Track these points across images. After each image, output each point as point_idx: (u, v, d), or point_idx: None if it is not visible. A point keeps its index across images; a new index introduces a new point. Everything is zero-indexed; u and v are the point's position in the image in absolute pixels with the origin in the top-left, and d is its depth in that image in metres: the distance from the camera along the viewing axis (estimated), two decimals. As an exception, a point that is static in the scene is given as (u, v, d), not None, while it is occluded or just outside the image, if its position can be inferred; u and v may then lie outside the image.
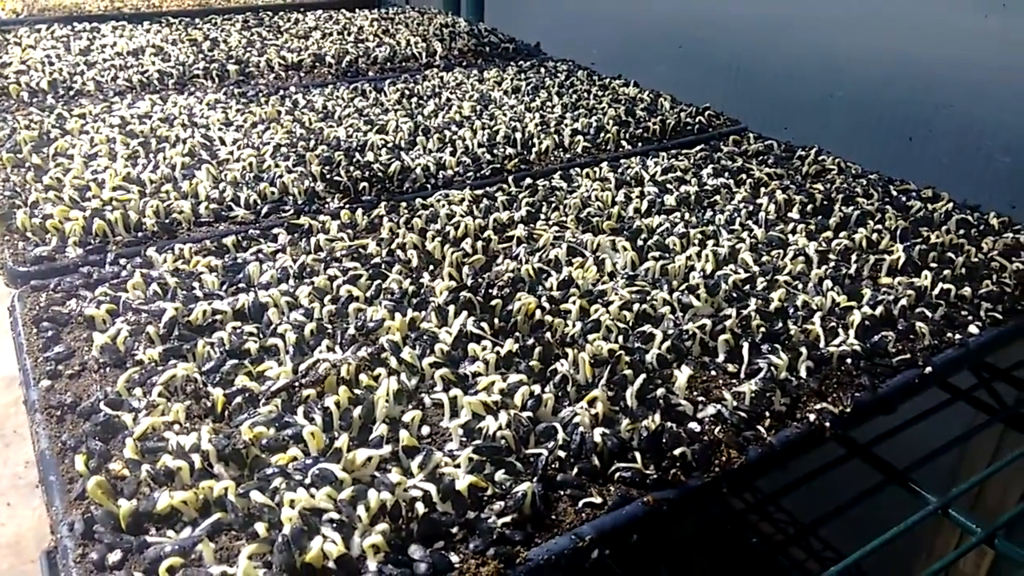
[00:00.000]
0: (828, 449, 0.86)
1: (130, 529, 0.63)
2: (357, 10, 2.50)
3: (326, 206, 1.21)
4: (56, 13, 2.33)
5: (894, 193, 1.29)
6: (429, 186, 1.29)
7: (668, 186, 1.29)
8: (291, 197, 1.21)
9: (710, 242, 1.09)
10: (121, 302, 0.91)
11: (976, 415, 1.10)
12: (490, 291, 0.94)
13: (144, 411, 0.73)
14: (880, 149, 1.74)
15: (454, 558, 0.62)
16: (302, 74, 1.87)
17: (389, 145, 1.40)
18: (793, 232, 1.13)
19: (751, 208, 1.20)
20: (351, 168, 1.29)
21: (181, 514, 0.64)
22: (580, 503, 0.69)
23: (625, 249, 1.05)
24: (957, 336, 0.95)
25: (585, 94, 1.75)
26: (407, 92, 1.71)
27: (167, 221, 1.11)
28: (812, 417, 0.80)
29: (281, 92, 1.68)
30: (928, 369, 0.90)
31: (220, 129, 1.44)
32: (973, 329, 0.97)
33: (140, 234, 1.09)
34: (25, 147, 1.32)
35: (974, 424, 1.06)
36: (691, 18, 2.28)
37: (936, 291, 1.01)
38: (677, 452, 0.73)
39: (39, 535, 2.22)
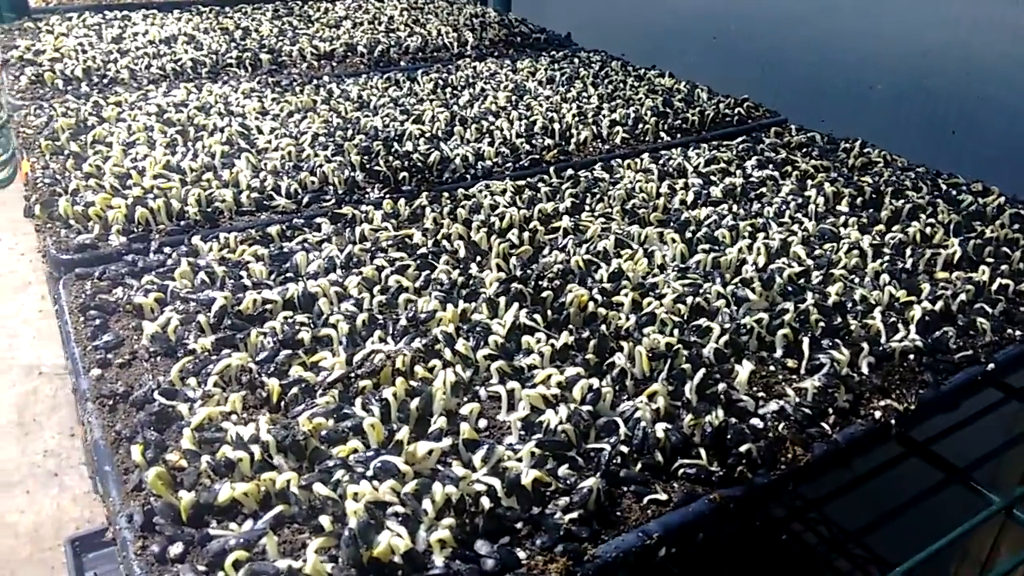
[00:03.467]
0: (872, 452, 0.84)
1: (191, 521, 0.62)
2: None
3: (367, 196, 1.19)
4: (87, 2, 2.33)
5: (943, 187, 1.26)
6: (468, 176, 1.28)
7: (712, 178, 1.26)
8: (331, 187, 1.20)
9: (760, 235, 1.07)
10: (169, 291, 0.90)
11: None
12: (540, 283, 0.92)
13: (199, 401, 0.72)
14: (921, 142, 1.71)
15: (521, 554, 0.61)
16: (334, 63, 1.86)
17: (427, 135, 1.38)
18: (844, 225, 1.11)
19: (799, 201, 1.18)
20: (390, 158, 1.27)
21: (241, 506, 0.63)
22: (645, 500, 0.67)
23: (674, 241, 1.03)
24: (1017, 333, 0.93)
25: (621, 85, 1.72)
26: (441, 82, 1.69)
27: (209, 210, 1.10)
28: (878, 415, 0.78)
29: (315, 81, 1.67)
30: (991, 366, 0.87)
31: (257, 118, 1.43)
32: (1034, 325, 0.94)
33: (183, 222, 1.08)
34: (63, 135, 1.31)
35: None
36: (721, 7, 2.26)
37: (994, 286, 0.98)
38: (743, 449, 0.71)
39: (58, 523, 2.24)
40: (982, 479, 0.87)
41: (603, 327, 0.85)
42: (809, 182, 1.26)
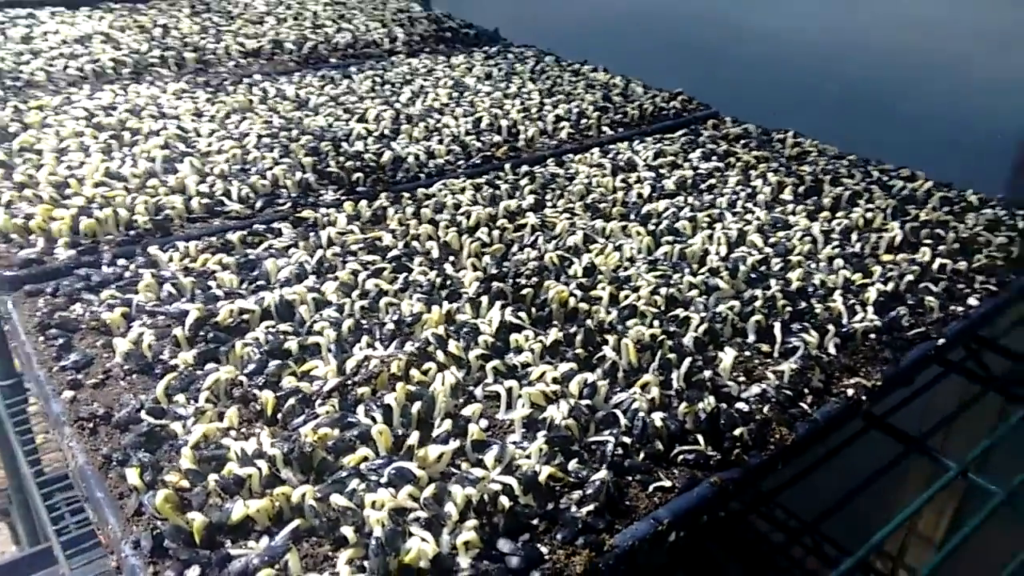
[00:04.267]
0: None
1: (204, 543, 0.60)
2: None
3: (321, 198, 1.17)
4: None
5: (874, 173, 1.34)
6: (423, 175, 1.27)
7: (662, 171, 1.30)
8: (284, 189, 1.17)
9: (717, 225, 1.11)
10: (133, 304, 0.86)
11: (966, 386, 1.16)
12: (518, 280, 0.93)
13: (192, 418, 0.70)
14: (838, 130, 1.80)
15: (543, 550, 0.62)
16: (262, 61, 1.80)
17: (375, 134, 1.37)
18: (793, 213, 1.16)
19: (748, 191, 1.23)
20: (340, 158, 1.25)
21: (253, 523, 0.62)
22: (651, 487, 0.69)
23: (639, 234, 1.06)
24: (959, 308, 1.00)
25: (558, 80, 1.74)
26: (378, 79, 1.67)
27: (159, 217, 1.06)
28: (850, 392, 0.83)
29: (247, 81, 1.61)
30: (941, 341, 0.94)
31: (193, 120, 1.37)
32: (972, 301, 1.01)
33: (132, 232, 1.03)
34: (-17, 142, 1.23)
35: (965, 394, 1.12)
36: (641, 2, 2.32)
37: (935, 266, 1.05)
38: (736, 432, 0.74)
39: None
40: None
41: (588, 322, 0.86)
42: (752, 172, 1.31)
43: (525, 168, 1.28)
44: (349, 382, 0.74)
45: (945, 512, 1.74)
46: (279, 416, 0.71)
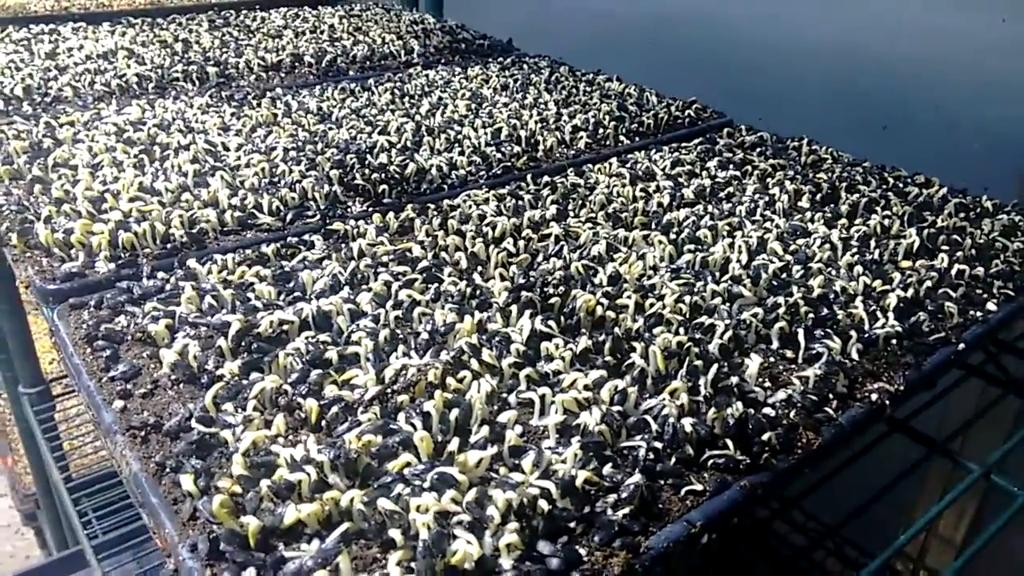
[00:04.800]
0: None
1: (258, 546, 0.62)
2: (320, 7, 2.46)
3: (349, 210, 1.20)
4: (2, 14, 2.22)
5: (890, 180, 1.36)
6: (445, 186, 1.30)
7: (680, 180, 1.32)
8: (313, 202, 1.20)
9: (738, 233, 1.13)
10: (176, 316, 0.89)
11: (983, 389, 1.18)
12: (545, 289, 0.96)
13: (240, 426, 0.72)
14: (851, 138, 1.82)
15: (581, 552, 0.64)
16: (283, 74, 1.84)
17: (398, 146, 1.39)
18: (812, 221, 1.18)
19: (766, 199, 1.25)
20: (366, 171, 1.28)
21: (304, 527, 0.64)
22: (682, 491, 0.71)
23: (661, 243, 1.08)
24: (978, 313, 1.02)
25: (574, 90, 1.77)
26: (397, 91, 1.70)
27: (194, 231, 1.09)
28: (874, 397, 0.85)
29: (269, 94, 1.64)
30: (962, 346, 0.96)
31: (220, 134, 1.40)
32: (991, 306, 1.03)
33: (169, 245, 1.06)
34: (18, 158, 1.27)
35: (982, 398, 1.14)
36: (654, 11, 2.34)
37: (953, 272, 1.07)
38: (764, 437, 0.76)
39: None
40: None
41: (616, 330, 0.88)
42: (769, 180, 1.33)
43: (546, 179, 1.31)
44: (389, 390, 0.76)
45: (966, 513, 1.75)
46: (323, 424, 0.74)
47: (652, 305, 0.94)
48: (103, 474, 2.11)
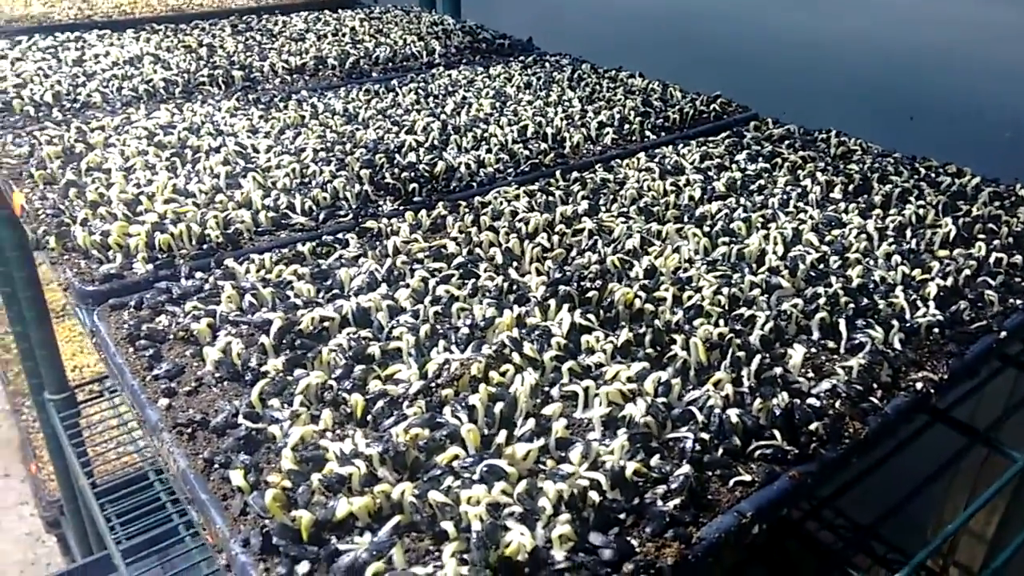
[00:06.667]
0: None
1: (311, 540, 0.62)
2: (340, 11, 2.47)
3: (380, 208, 1.20)
4: (23, 24, 2.24)
5: (922, 170, 1.35)
6: (475, 184, 1.30)
7: (710, 173, 1.32)
8: (344, 201, 1.20)
9: (772, 225, 1.13)
10: (217, 315, 0.89)
11: (1017, 378, 1.17)
12: (582, 283, 0.95)
13: (288, 421, 0.73)
14: (878, 129, 1.81)
15: (633, 542, 0.64)
16: (307, 77, 1.85)
17: (425, 145, 1.40)
18: (845, 212, 1.18)
19: (798, 191, 1.24)
20: (395, 170, 1.28)
21: (355, 520, 0.64)
22: (731, 482, 0.71)
23: (695, 236, 1.08)
24: (1018, 302, 1.01)
25: (597, 87, 1.77)
26: (421, 92, 1.70)
27: (229, 231, 1.10)
28: (919, 386, 0.84)
29: (295, 96, 1.65)
30: (1003, 334, 0.95)
31: (249, 136, 1.41)
32: (1031, 294, 1.02)
33: (205, 246, 1.07)
34: (52, 163, 1.28)
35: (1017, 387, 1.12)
36: (674, 6, 2.33)
37: (991, 260, 1.06)
38: (812, 427, 0.75)
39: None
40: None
41: (656, 322, 0.88)
42: (800, 172, 1.33)
43: (575, 174, 1.30)
44: (433, 384, 0.76)
45: (997, 508, 1.74)
46: (369, 418, 0.74)
47: (690, 297, 0.93)
48: (126, 480, 2.13)
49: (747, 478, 0.71)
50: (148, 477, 2.07)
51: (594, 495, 0.65)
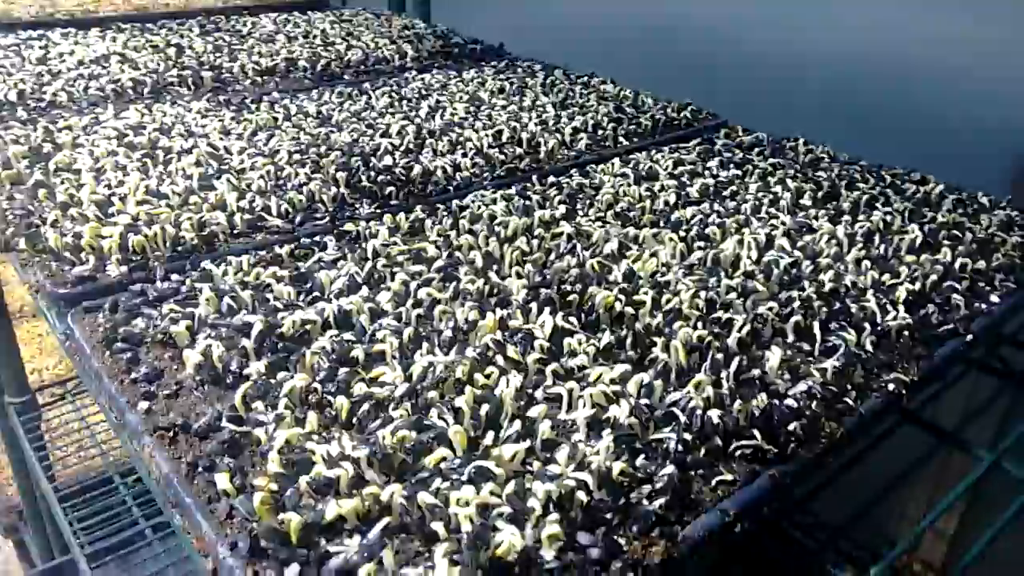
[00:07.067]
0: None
1: (300, 542, 0.62)
2: (310, 12, 2.45)
3: (357, 211, 1.20)
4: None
5: (887, 178, 1.39)
6: (451, 188, 1.30)
7: (684, 179, 1.34)
8: (321, 204, 1.20)
9: (745, 230, 1.15)
10: (196, 318, 0.88)
11: (977, 380, 1.20)
12: (562, 287, 0.96)
13: (273, 424, 0.72)
14: (846, 137, 1.85)
15: (621, 541, 0.65)
16: (278, 79, 1.83)
17: (401, 149, 1.40)
18: (816, 218, 1.20)
19: (770, 197, 1.27)
20: (371, 173, 1.28)
21: (344, 522, 0.64)
22: (713, 481, 0.72)
23: (672, 241, 1.09)
24: (983, 306, 1.04)
25: (570, 93, 1.78)
26: (395, 95, 1.70)
27: (204, 233, 1.08)
28: (891, 387, 0.86)
29: (266, 99, 1.64)
30: (970, 337, 0.98)
31: (221, 138, 1.40)
32: (994, 299, 1.05)
33: (180, 248, 1.06)
34: (18, 163, 1.25)
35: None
36: (644, 13, 2.37)
37: (957, 265, 1.10)
38: (790, 428, 0.77)
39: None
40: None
41: (636, 325, 0.89)
42: (771, 179, 1.35)
43: (552, 179, 1.31)
44: (418, 387, 0.77)
45: (957, 506, 1.79)
46: (355, 421, 0.74)
47: (669, 301, 0.95)
48: (90, 483, 2.09)
49: (729, 477, 0.73)
50: (113, 481, 2.02)
51: (582, 495, 0.66)
